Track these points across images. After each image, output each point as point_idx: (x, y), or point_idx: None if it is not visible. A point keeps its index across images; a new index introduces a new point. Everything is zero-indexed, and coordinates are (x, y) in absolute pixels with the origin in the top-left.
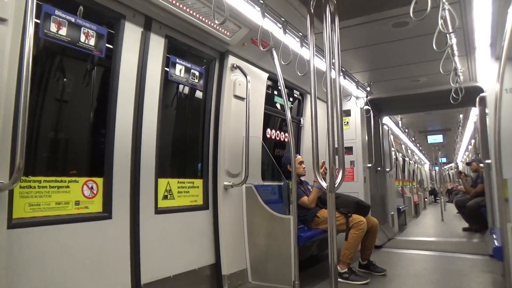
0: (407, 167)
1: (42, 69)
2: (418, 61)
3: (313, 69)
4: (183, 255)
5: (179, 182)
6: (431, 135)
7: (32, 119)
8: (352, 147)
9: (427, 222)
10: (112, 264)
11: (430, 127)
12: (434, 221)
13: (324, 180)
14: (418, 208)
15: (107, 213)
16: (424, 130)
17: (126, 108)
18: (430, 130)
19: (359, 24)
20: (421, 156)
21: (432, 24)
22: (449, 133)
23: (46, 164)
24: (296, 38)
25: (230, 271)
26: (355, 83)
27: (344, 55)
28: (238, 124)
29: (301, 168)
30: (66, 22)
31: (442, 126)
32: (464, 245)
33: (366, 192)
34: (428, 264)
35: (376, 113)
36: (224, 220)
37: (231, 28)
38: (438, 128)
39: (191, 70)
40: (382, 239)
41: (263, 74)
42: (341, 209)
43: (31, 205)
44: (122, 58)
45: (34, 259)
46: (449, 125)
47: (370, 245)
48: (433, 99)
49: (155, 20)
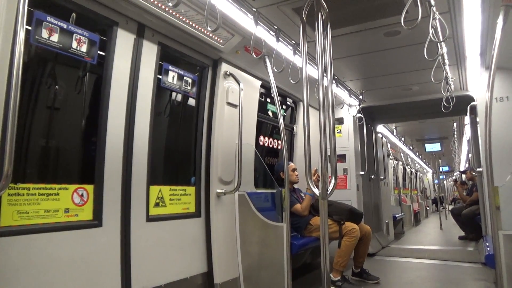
0: (408, 175)
1: (33, 75)
2: (410, 70)
3: (305, 76)
4: (175, 264)
5: (171, 189)
6: (429, 143)
7: (22, 125)
8: (345, 154)
9: (426, 230)
10: (103, 272)
11: (427, 136)
12: (432, 230)
13: (316, 187)
14: (418, 217)
15: (97, 221)
16: (422, 138)
17: (118, 115)
18: (428, 139)
19: (351, 33)
20: (423, 164)
21: (423, 33)
22: (447, 141)
23: (36, 171)
24: (289, 46)
25: (223, 279)
26: (348, 91)
27: (337, 63)
28: (231, 131)
29: (294, 175)
30: (58, 29)
31: (439, 135)
32: (458, 253)
33: (359, 199)
34: (421, 272)
35: (370, 121)
36: (216, 228)
37: (224, 36)
38: (435, 137)
39: (183, 77)
40: (376, 247)
41: (256, 82)
42: (334, 217)
43: (19, 213)
44: (114, 65)
45: (23, 268)
46: (445, 133)
47: (363, 253)
48: (425, 108)
49: (148, 27)
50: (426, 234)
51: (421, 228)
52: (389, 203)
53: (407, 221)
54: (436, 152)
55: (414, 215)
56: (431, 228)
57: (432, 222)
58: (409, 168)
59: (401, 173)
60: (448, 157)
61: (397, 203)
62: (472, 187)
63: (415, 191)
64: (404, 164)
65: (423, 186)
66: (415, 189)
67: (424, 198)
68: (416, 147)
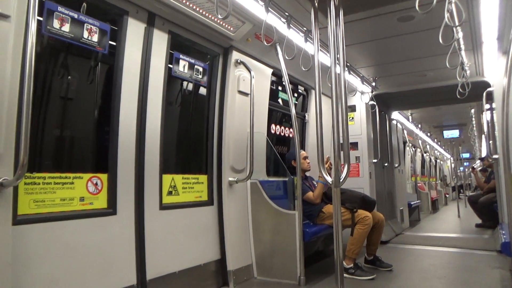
0: (427, 162)
1: (45, 66)
2: (424, 56)
3: (317, 64)
4: (188, 251)
5: (183, 178)
6: (447, 130)
7: (37, 115)
8: (357, 142)
9: (443, 218)
10: (118, 260)
11: (445, 122)
12: (450, 218)
13: (329, 175)
14: (436, 204)
15: (111, 209)
16: (439, 125)
17: (130, 104)
18: (446, 125)
19: (364, 19)
20: (442, 151)
21: (438, 18)
22: (466, 128)
23: (51, 161)
24: (300, 33)
25: (236, 266)
26: (360, 78)
27: (349, 49)
28: (242, 119)
29: (306, 163)
30: (69, 19)
31: (457, 121)
32: (473, 241)
33: (371, 187)
34: (435, 259)
35: (384, 108)
36: (229, 215)
37: (234, 23)
38: (453, 123)
39: (194, 66)
40: (389, 235)
41: (267, 70)
42: (346, 205)
43: (35, 201)
44: (125, 54)
45: (39, 255)
46: (464, 120)
47: (376, 241)
48: (440, 94)
49: (158, 16)
50: (442, 222)
51: (439, 216)
52: (404, 191)
53: (425, 208)
54: (454, 139)
55: (432, 203)
56: (449, 215)
57: (451, 210)
58: (427, 155)
59: (420, 160)
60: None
61: (414, 190)
62: (490, 175)
63: (433, 179)
64: (422, 151)
65: (443, 173)
66: (433, 177)
67: (443, 186)
68: (434, 134)
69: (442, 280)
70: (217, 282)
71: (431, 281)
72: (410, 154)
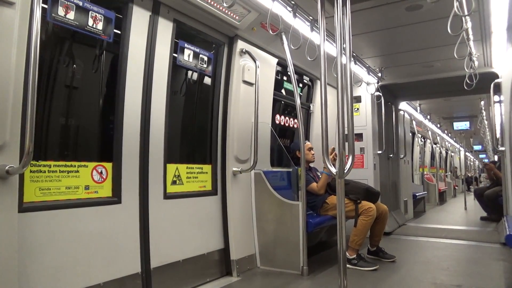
0: (436, 153)
1: (50, 54)
2: (431, 46)
3: (323, 54)
4: (192, 240)
5: (187, 167)
6: (457, 121)
7: (42, 104)
8: (362, 133)
9: (449, 210)
10: (122, 248)
11: (455, 114)
12: (456, 210)
13: (333, 166)
14: (444, 196)
15: (116, 197)
16: (449, 116)
17: (135, 93)
18: (456, 117)
19: (371, 8)
20: (453, 143)
21: (447, 7)
22: (476, 120)
23: (56, 149)
24: (306, 22)
25: (239, 256)
26: (366, 69)
27: (355, 39)
28: (247, 109)
29: (310, 154)
30: (74, 6)
31: (467, 113)
32: (477, 233)
33: (376, 178)
34: (438, 251)
35: (391, 98)
36: (232, 205)
37: (240, 12)
38: (463, 115)
39: (199, 55)
40: (393, 226)
41: (272, 59)
42: (350, 196)
43: (41, 189)
44: (130, 42)
45: (45, 243)
46: (474, 111)
47: (380, 232)
48: (447, 85)
49: (163, 4)
50: (448, 214)
51: (445, 208)
52: (408, 182)
53: (432, 200)
54: (464, 130)
55: (440, 194)
56: (455, 208)
57: (459, 202)
58: (438, 147)
59: (429, 152)
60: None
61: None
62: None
63: (442, 170)
64: (432, 143)
65: (453, 165)
66: (442, 168)
67: (453, 178)
68: (443, 125)
69: (445, 272)
70: (220, 271)
71: (434, 272)
72: (419, 145)
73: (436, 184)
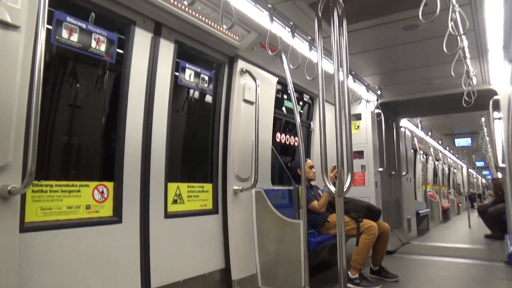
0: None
1: (53, 74)
2: (429, 64)
3: (321, 72)
4: (192, 260)
5: (188, 186)
6: (459, 138)
7: (45, 124)
8: (363, 151)
9: (453, 228)
10: (122, 268)
11: (456, 130)
12: (460, 227)
13: (333, 185)
14: (448, 213)
15: (117, 217)
16: (450, 133)
17: (136, 112)
18: (457, 133)
19: (368, 27)
20: (456, 159)
21: (442, 26)
22: (477, 136)
23: (58, 169)
24: (304, 42)
25: (240, 276)
26: (365, 87)
27: (354, 58)
28: (247, 128)
29: (311, 172)
30: (77, 28)
31: (468, 129)
32: (481, 251)
33: (377, 196)
34: (441, 270)
35: (391, 116)
36: (233, 224)
37: (240, 33)
38: (464, 131)
39: (200, 74)
40: (395, 244)
41: (272, 78)
42: (351, 214)
43: (43, 209)
44: (132, 63)
45: (46, 263)
46: (475, 128)
47: (382, 251)
48: (446, 102)
49: (164, 26)
50: (452, 232)
51: (449, 225)
52: (411, 199)
53: (436, 217)
54: (466, 147)
55: (443, 212)
56: (459, 225)
57: (463, 219)
58: (440, 164)
59: (431, 168)
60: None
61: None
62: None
63: (445, 187)
64: (434, 159)
65: (456, 182)
66: (445, 185)
67: (456, 195)
68: (445, 142)
69: None
70: None
71: None
72: (421, 162)
73: (440, 202)
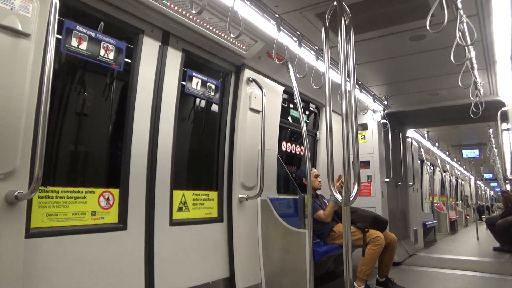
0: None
1: (62, 82)
2: (436, 75)
3: (328, 82)
4: (197, 268)
5: (194, 194)
6: (466, 149)
7: (52, 130)
8: (369, 161)
9: (460, 240)
10: (127, 275)
11: (464, 141)
12: (468, 240)
13: (339, 194)
14: (455, 225)
15: (122, 224)
16: (458, 144)
17: (143, 120)
18: (464, 145)
19: (375, 38)
20: (463, 171)
21: (450, 37)
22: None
23: (64, 175)
24: (311, 52)
25: (245, 285)
26: (372, 97)
27: (361, 68)
28: (253, 137)
29: (316, 181)
30: (86, 37)
31: (476, 141)
32: (490, 265)
33: (384, 206)
34: (449, 283)
35: (398, 126)
36: (238, 233)
37: (247, 42)
38: (472, 143)
39: (207, 83)
40: (402, 256)
41: (279, 87)
42: (357, 224)
43: (48, 215)
44: (140, 71)
45: (50, 269)
46: (483, 139)
47: (388, 262)
48: (454, 113)
49: (172, 35)
50: (459, 244)
51: (456, 238)
52: (418, 210)
53: (443, 229)
54: (474, 158)
55: (450, 224)
56: (467, 237)
57: (471, 232)
58: (448, 175)
59: (439, 179)
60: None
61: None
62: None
63: (453, 199)
64: (441, 170)
65: (464, 194)
66: (453, 197)
67: (464, 207)
68: (453, 153)
69: None
70: None
71: None
72: (428, 173)
73: (447, 213)
